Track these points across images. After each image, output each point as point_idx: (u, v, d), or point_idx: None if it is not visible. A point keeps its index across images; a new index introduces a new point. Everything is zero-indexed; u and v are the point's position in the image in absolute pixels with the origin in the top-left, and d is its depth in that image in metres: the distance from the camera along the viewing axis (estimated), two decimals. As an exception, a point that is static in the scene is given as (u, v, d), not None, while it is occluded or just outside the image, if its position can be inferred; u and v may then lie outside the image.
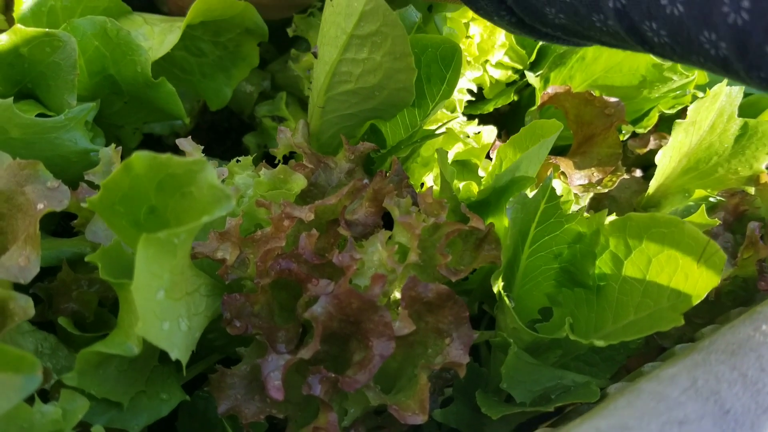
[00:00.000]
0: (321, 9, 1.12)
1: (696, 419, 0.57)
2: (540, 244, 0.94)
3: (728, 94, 1.03)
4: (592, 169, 1.09)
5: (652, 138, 1.19)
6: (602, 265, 0.90)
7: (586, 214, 0.92)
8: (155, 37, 1.00)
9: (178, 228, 0.60)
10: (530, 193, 0.90)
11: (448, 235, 0.87)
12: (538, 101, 1.13)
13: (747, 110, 1.24)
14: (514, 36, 1.11)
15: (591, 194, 1.14)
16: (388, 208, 0.89)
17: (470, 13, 1.09)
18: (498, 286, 0.89)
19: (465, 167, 1.12)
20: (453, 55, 0.95)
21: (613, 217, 0.95)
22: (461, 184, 1.08)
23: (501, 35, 1.09)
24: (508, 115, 1.30)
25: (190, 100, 1.21)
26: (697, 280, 0.78)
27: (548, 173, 0.90)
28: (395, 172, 0.95)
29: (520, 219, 0.88)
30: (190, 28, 1.07)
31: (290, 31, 1.16)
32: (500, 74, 1.14)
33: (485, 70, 1.10)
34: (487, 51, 1.09)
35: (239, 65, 1.14)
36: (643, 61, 1.08)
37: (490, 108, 1.16)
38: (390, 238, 0.89)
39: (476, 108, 1.16)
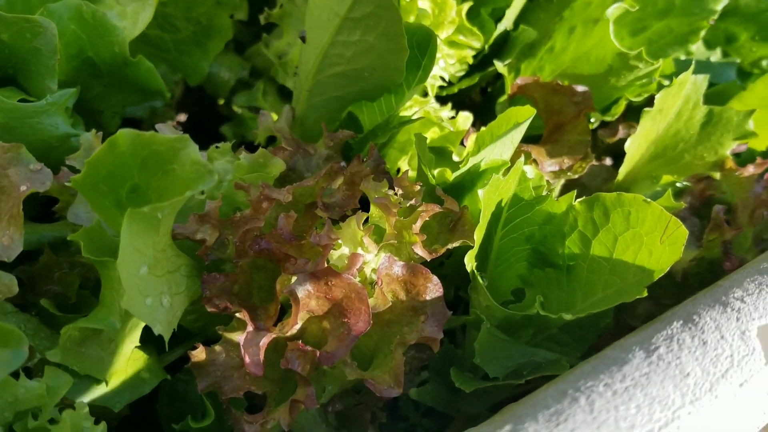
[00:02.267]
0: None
1: (658, 381, 0.60)
2: (512, 225, 0.96)
3: (693, 82, 1.06)
4: (563, 156, 1.12)
5: (621, 127, 1.22)
6: (571, 245, 0.93)
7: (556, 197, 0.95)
8: (129, 16, 1.01)
9: (161, 203, 0.62)
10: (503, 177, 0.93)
11: (423, 217, 0.90)
12: (508, 91, 1.15)
13: (714, 99, 1.28)
14: (466, 15, 1.13)
15: (562, 181, 1.17)
16: (364, 190, 0.92)
17: None
18: (471, 266, 0.91)
19: (439, 153, 1.15)
20: (428, 41, 0.98)
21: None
22: (436, 171, 1.10)
23: (452, 12, 1.11)
24: (481, 105, 1.33)
25: (168, 79, 1.22)
26: (660, 256, 0.81)
27: (520, 158, 0.93)
28: (372, 157, 0.98)
29: (493, 201, 0.91)
30: (162, 5, 1.08)
31: (262, 19, 1.18)
32: (455, 53, 1.16)
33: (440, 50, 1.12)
34: (437, 26, 1.10)
35: (214, 39, 1.16)
36: (609, 50, 1.11)
37: (455, 90, 1.18)
38: (367, 219, 0.91)
39: (442, 91, 1.19)
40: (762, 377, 0.65)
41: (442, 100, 1.21)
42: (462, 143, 1.15)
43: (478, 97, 1.36)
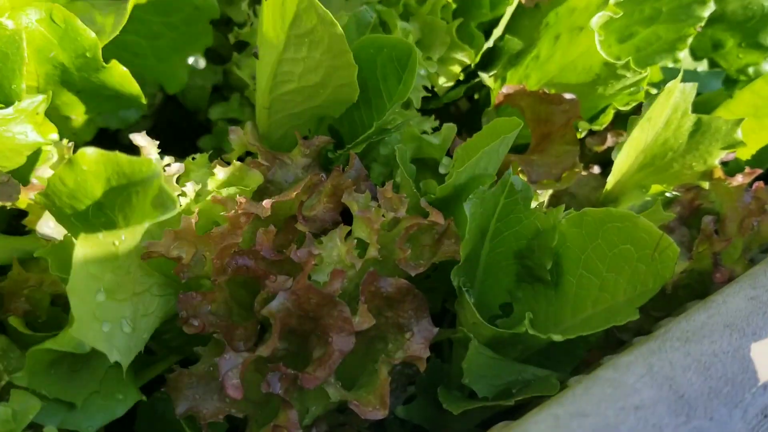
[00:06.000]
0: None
1: (651, 404, 0.58)
2: (500, 239, 0.94)
3: (682, 90, 1.04)
4: (551, 166, 1.10)
5: (609, 135, 1.20)
6: (560, 260, 0.91)
7: (544, 210, 0.93)
8: (104, 20, 0.98)
9: (117, 230, 0.59)
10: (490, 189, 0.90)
11: (408, 230, 0.87)
12: (494, 101, 1.13)
13: (701, 108, 1.26)
14: (456, 31, 1.12)
15: (550, 191, 1.15)
16: (346, 203, 0.89)
17: (421, 9, 1.09)
18: (457, 281, 0.89)
19: (425, 165, 1.12)
20: (408, 56, 0.96)
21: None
22: (422, 183, 1.08)
23: (443, 32, 1.10)
24: (467, 115, 1.31)
25: (147, 88, 1.19)
26: (651, 274, 0.79)
27: (508, 170, 0.90)
28: (353, 168, 0.95)
29: (479, 214, 0.88)
30: (140, 9, 1.05)
31: (231, 38, 1.15)
32: (446, 70, 1.14)
33: (432, 66, 1.10)
34: (429, 48, 1.09)
35: (193, 45, 1.13)
36: (596, 60, 1.09)
37: (440, 103, 1.16)
38: (349, 233, 0.88)
39: (429, 103, 1.17)
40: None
41: (428, 112, 1.19)
42: (449, 154, 1.13)
43: (465, 105, 1.34)
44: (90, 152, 0.59)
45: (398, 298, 0.84)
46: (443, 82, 1.16)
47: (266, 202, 0.85)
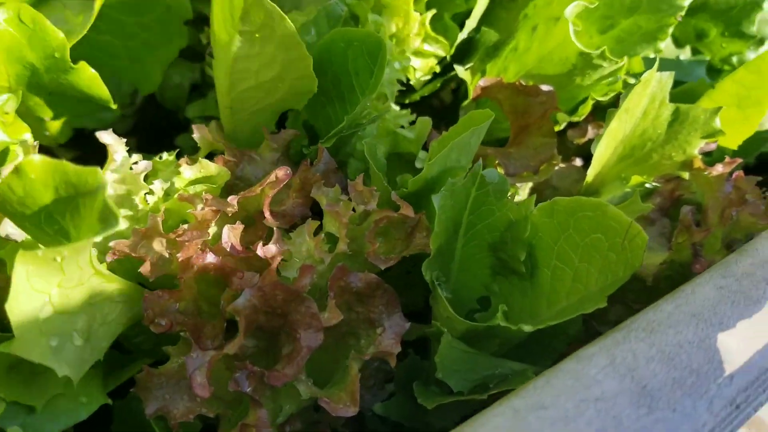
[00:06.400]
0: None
1: (612, 396, 0.57)
2: (474, 232, 0.93)
3: (659, 80, 1.03)
4: (528, 158, 1.09)
5: (590, 127, 1.19)
6: (534, 251, 0.90)
7: (518, 199, 0.92)
8: (75, 20, 0.97)
9: (60, 247, 0.58)
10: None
11: (377, 223, 0.86)
12: (471, 95, 1.12)
13: (683, 97, 1.25)
14: (430, 23, 1.11)
15: (530, 184, 1.14)
16: (315, 197, 0.88)
17: (393, 2, 1.08)
18: (429, 275, 0.88)
19: (402, 159, 1.12)
20: (378, 49, 0.95)
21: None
22: (399, 178, 1.07)
23: (416, 24, 1.09)
24: (448, 109, 1.30)
25: (123, 88, 1.19)
26: (621, 263, 0.77)
27: (478, 162, 0.89)
28: (322, 161, 0.94)
29: (450, 207, 0.87)
30: (113, 9, 1.04)
31: (203, 38, 1.15)
32: (421, 63, 1.13)
33: (406, 60, 1.09)
34: (403, 40, 1.08)
35: (167, 46, 1.12)
36: (572, 50, 1.08)
37: (417, 97, 1.15)
38: (319, 227, 0.88)
39: (405, 97, 1.16)
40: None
41: (406, 105, 1.18)
42: (426, 149, 1.12)
43: (450, 98, 1.33)
44: (36, 160, 0.58)
45: (368, 293, 0.84)
46: (419, 75, 1.15)
47: (231, 199, 0.84)
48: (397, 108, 1.15)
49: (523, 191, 1.14)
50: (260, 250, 0.80)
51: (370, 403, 0.95)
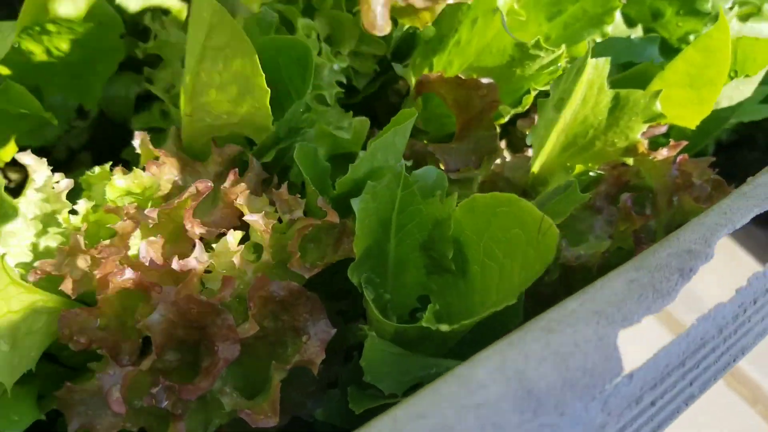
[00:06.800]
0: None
1: (495, 401, 0.56)
2: (404, 232, 0.92)
3: (595, 66, 1.01)
4: (470, 153, 1.07)
5: (536, 116, 1.17)
6: (463, 248, 0.89)
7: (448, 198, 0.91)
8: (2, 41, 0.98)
9: None
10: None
11: (301, 231, 0.86)
12: (413, 92, 1.11)
13: (634, 80, 1.23)
14: (364, 23, 1.10)
15: (479, 177, 1.12)
16: (239, 207, 0.88)
17: (324, 4, 1.07)
18: (357, 279, 0.87)
19: (345, 161, 1.10)
20: (305, 55, 0.94)
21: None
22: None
23: (350, 24, 1.07)
24: (396, 107, 1.28)
25: (70, 103, 1.19)
26: (536, 256, 0.76)
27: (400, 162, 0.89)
28: (252, 171, 0.94)
29: (374, 209, 0.87)
30: (48, 28, 1.04)
31: (139, 53, 1.15)
32: (360, 63, 1.12)
33: (343, 61, 1.08)
34: (340, 42, 1.07)
35: (104, 61, 1.12)
36: (508, 42, 1.06)
37: (359, 98, 1.14)
38: (245, 237, 0.87)
39: (350, 98, 1.15)
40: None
41: (350, 107, 1.17)
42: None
43: (395, 97, 1.31)
44: None
45: (291, 301, 0.83)
46: (360, 75, 1.14)
47: (149, 211, 0.84)
48: (343, 110, 1.15)
49: (474, 185, 1.13)
50: (176, 264, 0.80)
51: (313, 409, 0.94)
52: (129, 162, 1.21)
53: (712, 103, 1.17)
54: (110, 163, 0.95)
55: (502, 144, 1.12)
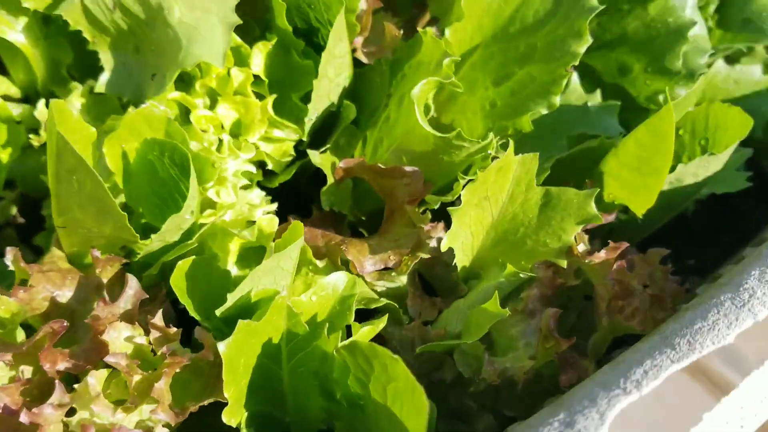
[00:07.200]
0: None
1: None
2: (297, 359, 0.84)
3: (522, 162, 0.90)
4: (389, 251, 0.98)
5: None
6: (353, 385, 0.80)
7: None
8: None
9: None
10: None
11: (168, 372, 0.78)
12: (330, 178, 1.02)
13: (589, 157, 1.12)
14: (275, 107, 1.01)
15: (406, 273, 1.01)
16: (106, 341, 0.80)
17: (227, 89, 0.98)
18: (235, 422, 0.80)
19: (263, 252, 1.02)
20: (183, 161, 0.86)
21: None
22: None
23: (257, 110, 0.99)
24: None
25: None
26: (415, 416, 0.68)
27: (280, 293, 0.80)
28: (129, 289, 0.86)
29: (248, 349, 0.79)
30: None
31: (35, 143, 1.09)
32: (273, 149, 1.03)
33: (250, 150, 0.99)
34: (248, 129, 0.98)
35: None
36: (427, 131, 0.95)
37: (275, 183, 1.05)
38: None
39: (269, 181, 1.06)
40: None
41: (268, 190, 1.08)
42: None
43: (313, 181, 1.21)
44: None
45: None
46: (275, 160, 1.05)
47: (2, 355, 0.77)
48: (263, 193, 1.06)
49: (399, 280, 1.03)
50: (24, 416, 0.73)
51: None
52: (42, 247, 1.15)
53: (656, 193, 1.06)
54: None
55: (440, 227, 1.02)
